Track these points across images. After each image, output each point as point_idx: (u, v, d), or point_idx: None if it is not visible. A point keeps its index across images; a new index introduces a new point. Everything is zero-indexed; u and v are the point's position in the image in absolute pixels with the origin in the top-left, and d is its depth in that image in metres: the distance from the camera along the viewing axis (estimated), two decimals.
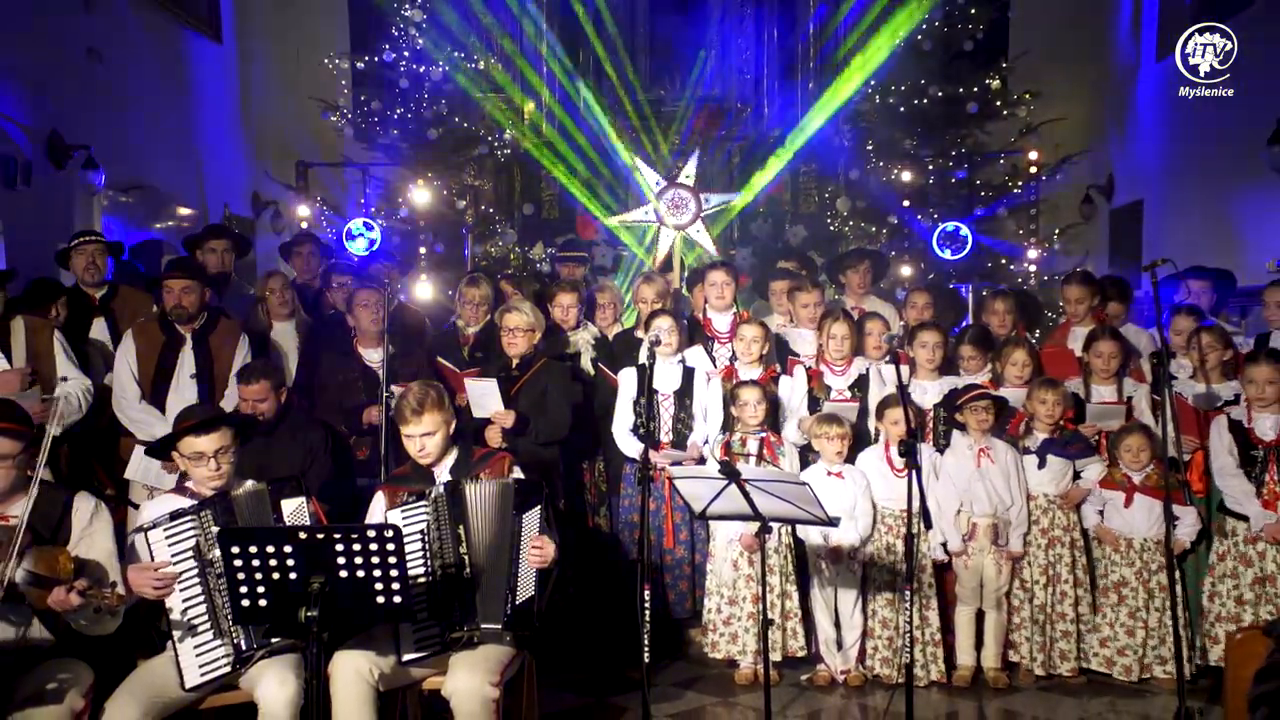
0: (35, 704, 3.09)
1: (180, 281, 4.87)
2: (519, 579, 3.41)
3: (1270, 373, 4.53)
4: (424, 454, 3.65)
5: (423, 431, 3.61)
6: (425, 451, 3.64)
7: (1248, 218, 6.77)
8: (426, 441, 3.63)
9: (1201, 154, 7.59)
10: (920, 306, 5.71)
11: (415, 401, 3.61)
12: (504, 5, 8.83)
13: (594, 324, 5.70)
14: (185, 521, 3.30)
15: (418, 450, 3.65)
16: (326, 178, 9.38)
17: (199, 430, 3.42)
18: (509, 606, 3.38)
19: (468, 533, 3.41)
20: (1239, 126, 6.72)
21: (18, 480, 3.32)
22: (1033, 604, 4.74)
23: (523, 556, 3.42)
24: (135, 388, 4.80)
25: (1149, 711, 4.41)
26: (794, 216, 8.95)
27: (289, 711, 3.17)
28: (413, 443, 3.65)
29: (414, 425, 3.61)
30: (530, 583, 3.44)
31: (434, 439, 3.63)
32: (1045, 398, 4.80)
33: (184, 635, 3.26)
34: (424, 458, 3.66)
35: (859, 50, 8.56)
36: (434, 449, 3.64)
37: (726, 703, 4.56)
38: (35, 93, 6.37)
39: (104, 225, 6.80)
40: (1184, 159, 7.92)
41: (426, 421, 3.60)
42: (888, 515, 4.74)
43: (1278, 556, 4.53)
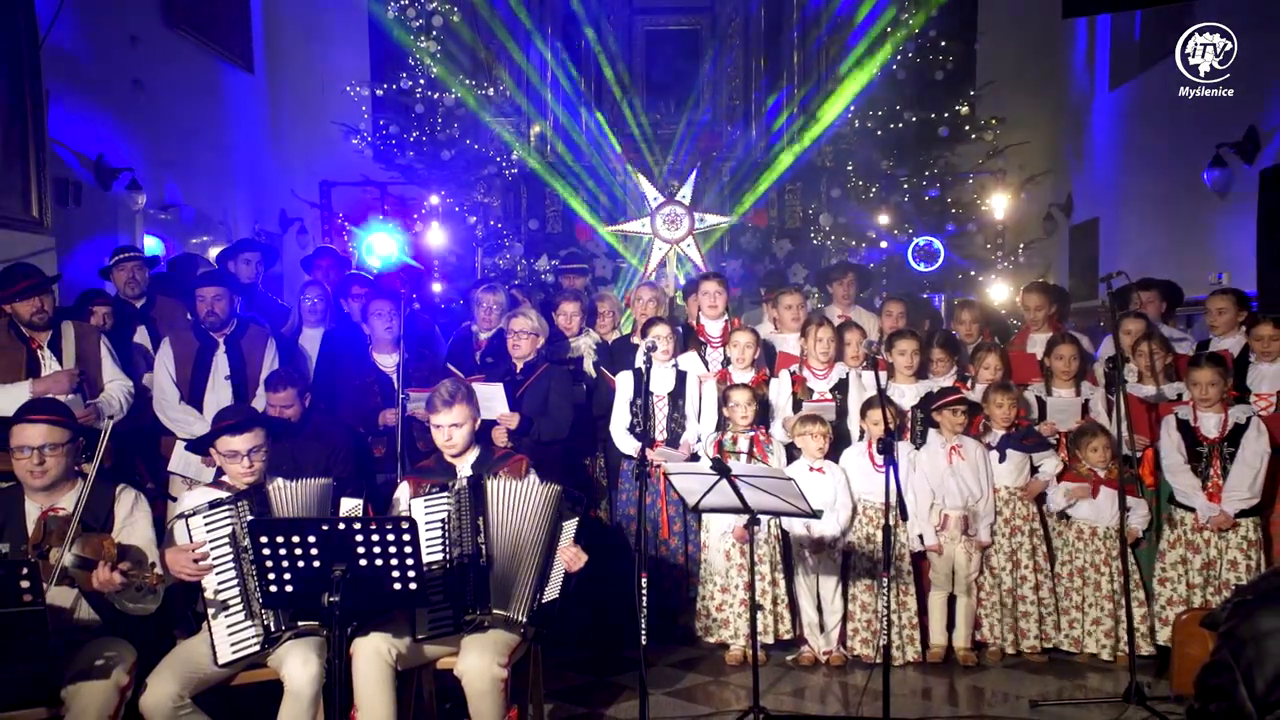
0: (85, 679, 3.11)
1: (212, 290, 4.89)
2: (550, 579, 3.42)
3: (1212, 375, 4.56)
4: (450, 444, 3.64)
5: (451, 422, 3.62)
6: (452, 442, 3.64)
7: (1193, 235, 6.82)
8: (454, 432, 3.63)
9: (1151, 176, 7.65)
10: (895, 315, 5.73)
11: (447, 394, 3.62)
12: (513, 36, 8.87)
13: (595, 330, 5.71)
14: (223, 510, 3.30)
15: (445, 440, 3.64)
16: (348, 195, 9.40)
17: (234, 430, 3.44)
18: (537, 602, 3.39)
19: (487, 525, 3.40)
20: (1184, 153, 6.78)
21: (67, 473, 3.35)
22: (1000, 589, 4.76)
23: (557, 559, 3.43)
24: (174, 390, 4.81)
25: (1104, 686, 4.43)
26: (780, 231, 8.97)
27: (313, 689, 3.18)
28: (441, 433, 3.64)
29: (444, 415, 3.61)
30: (558, 584, 3.45)
31: (461, 430, 3.64)
32: (1001, 400, 4.85)
33: (218, 616, 3.26)
34: (450, 448, 3.65)
35: (841, 78, 8.61)
36: (460, 440, 3.64)
37: (718, 681, 4.56)
38: (86, 121, 6.40)
39: (144, 240, 6.82)
40: (1136, 181, 7.97)
41: (455, 413, 3.61)
42: (868, 507, 4.75)
43: (1219, 543, 4.57)
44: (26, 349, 4.47)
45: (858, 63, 8.52)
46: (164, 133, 7.36)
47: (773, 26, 9.01)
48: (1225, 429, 4.58)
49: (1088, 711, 4.12)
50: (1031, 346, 5.49)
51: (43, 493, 3.33)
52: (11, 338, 4.47)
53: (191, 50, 7.86)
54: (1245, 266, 4.77)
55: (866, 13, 8.52)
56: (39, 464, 3.27)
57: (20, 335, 4.48)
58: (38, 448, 3.27)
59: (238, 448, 3.42)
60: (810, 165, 8.78)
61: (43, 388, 4.31)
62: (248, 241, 6.65)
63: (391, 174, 9.13)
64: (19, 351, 4.45)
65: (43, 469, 3.28)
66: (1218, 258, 6.29)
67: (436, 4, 8.67)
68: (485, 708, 3.31)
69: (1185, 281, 5.91)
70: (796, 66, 8.97)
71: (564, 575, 3.45)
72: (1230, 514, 4.52)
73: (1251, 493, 4.48)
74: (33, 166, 5.15)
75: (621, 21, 9.21)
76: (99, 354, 4.62)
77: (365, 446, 4.86)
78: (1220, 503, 4.55)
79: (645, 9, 9.32)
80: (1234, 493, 4.52)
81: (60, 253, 5.40)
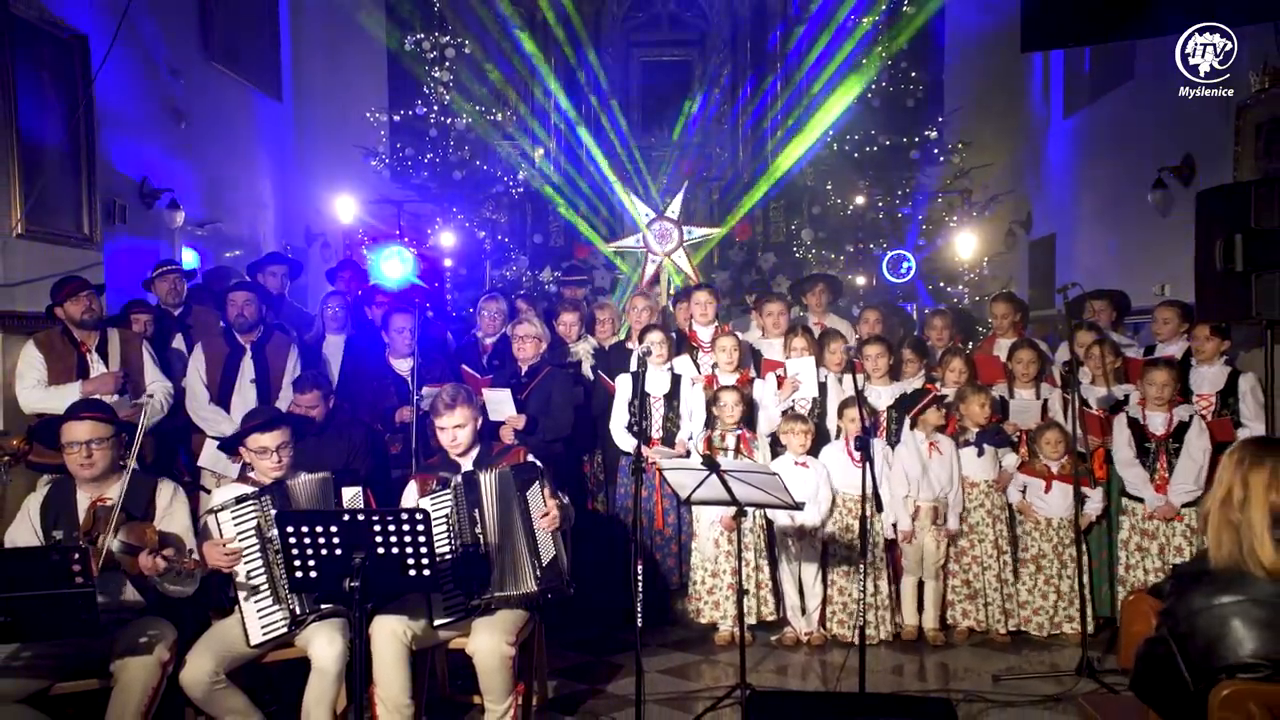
0: (131, 654, 3.14)
1: (242, 295, 4.98)
2: (539, 545, 3.43)
3: (1166, 377, 4.60)
4: (455, 444, 3.64)
5: (455, 423, 3.61)
6: (457, 441, 3.63)
7: (1139, 249, 6.88)
8: (458, 433, 3.62)
9: (1102, 197, 7.70)
10: (871, 322, 5.75)
11: (449, 398, 3.62)
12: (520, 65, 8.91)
13: (594, 337, 5.72)
14: (248, 505, 3.33)
15: (450, 441, 3.63)
16: (367, 213, 9.41)
17: (264, 428, 3.46)
18: (538, 569, 3.39)
19: (482, 516, 3.41)
20: (1130, 176, 6.85)
21: (113, 466, 3.38)
22: (966, 573, 4.78)
23: (537, 525, 3.43)
24: (205, 391, 4.86)
25: (1058, 661, 4.45)
26: (765, 245, 8.99)
27: (337, 666, 3.19)
28: (446, 434, 3.63)
29: (447, 418, 3.60)
30: (550, 544, 3.45)
31: (465, 430, 3.63)
32: (983, 400, 4.87)
33: (248, 601, 3.28)
34: (455, 447, 3.64)
35: (820, 105, 8.68)
36: (464, 439, 3.64)
37: (708, 660, 4.58)
38: (133, 147, 6.43)
39: (182, 254, 6.84)
40: (1088, 200, 8.02)
41: (458, 415, 3.60)
42: (846, 499, 4.76)
43: (1166, 530, 4.60)
44: (77, 353, 4.52)
45: (835, 89, 8.60)
46: (201, 156, 7.37)
47: (758, 56, 9.04)
48: (1171, 426, 4.61)
49: (1044, 684, 4.15)
50: (997, 350, 5.52)
51: (92, 484, 3.36)
52: (65, 343, 4.52)
53: (227, 81, 7.89)
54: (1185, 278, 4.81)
55: (849, 51, 8.60)
56: (87, 457, 3.31)
57: (72, 341, 4.53)
58: (85, 442, 3.31)
59: (266, 444, 3.44)
60: (792, 184, 8.82)
61: (91, 388, 4.36)
62: (274, 255, 6.67)
63: (407, 193, 9.15)
64: (70, 356, 4.50)
65: (90, 462, 3.31)
66: (1160, 270, 6.34)
67: (449, 37, 8.72)
68: (495, 684, 3.33)
69: (1133, 292, 5.96)
70: (780, 93, 9.01)
71: (556, 533, 3.45)
72: (1176, 505, 4.55)
73: (1196, 485, 4.51)
74: (84, 189, 5.24)
75: (620, 54, 9.26)
76: (141, 358, 4.66)
77: (383, 443, 4.87)
78: (1167, 494, 4.58)
79: (641, 42, 9.35)
80: (1180, 485, 4.55)
81: (107, 266, 5.43)
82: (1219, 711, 1.97)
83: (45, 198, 4.94)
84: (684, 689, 4.19)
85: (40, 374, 4.44)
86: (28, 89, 4.86)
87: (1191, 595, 2.05)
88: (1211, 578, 2.03)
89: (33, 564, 2.71)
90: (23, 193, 4.77)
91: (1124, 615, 2.86)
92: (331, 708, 3.21)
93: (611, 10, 9.21)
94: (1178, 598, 2.09)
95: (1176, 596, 2.10)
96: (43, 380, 4.44)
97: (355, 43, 9.56)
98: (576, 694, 4.13)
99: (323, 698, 3.19)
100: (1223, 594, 2.00)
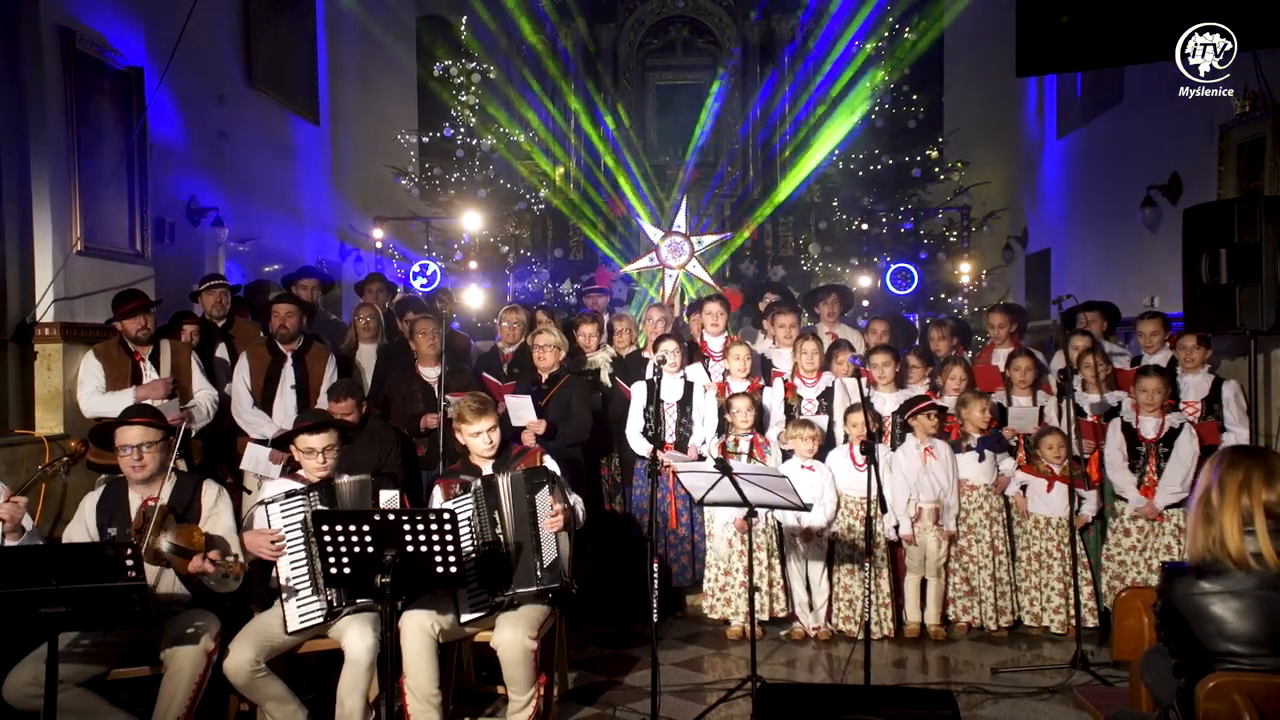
0: (179, 644, 3.19)
1: (285, 306, 5.02)
2: (543, 546, 3.42)
3: (1158, 383, 4.58)
4: (491, 447, 3.63)
5: (489, 428, 3.62)
6: (492, 444, 3.63)
7: (1129, 263, 6.87)
8: (493, 436, 3.63)
9: (1094, 213, 7.69)
10: (879, 333, 5.75)
11: (478, 404, 3.64)
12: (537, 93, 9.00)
13: (612, 346, 5.75)
14: (297, 500, 3.37)
15: (485, 445, 3.62)
16: (397, 229, 9.51)
17: (313, 430, 3.50)
18: (539, 570, 3.40)
19: (501, 517, 3.42)
20: (1120, 193, 6.83)
21: (162, 468, 3.43)
22: (966, 571, 4.76)
23: (543, 527, 3.42)
24: (248, 397, 4.91)
25: (1054, 654, 4.43)
26: (775, 258, 9.01)
27: (368, 657, 3.22)
28: (480, 438, 3.62)
29: (480, 423, 3.61)
30: (553, 546, 3.44)
31: (496, 433, 3.64)
32: (984, 406, 4.87)
33: (288, 591, 3.32)
34: (490, 450, 3.64)
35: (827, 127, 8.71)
36: (497, 440, 3.64)
37: (720, 654, 4.58)
38: (181, 169, 6.55)
39: (226, 269, 6.93)
40: (1081, 217, 8.00)
41: (488, 419, 3.63)
42: (850, 501, 4.75)
43: (1155, 530, 4.57)
44: (132, 362, 4.62)
45: (840, 110, 8.63)
46: (244, 176, 7.48)
47: (767, 81, 9.08)
48: (1162, 431, 4.59)
49: (1040, 676, 4.13)
50: (995, 359, 5.50)
51: (142, 484, 3.42)
52: (121, 352, 4.62)
53: (268, 106, 8.00)
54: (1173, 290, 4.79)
55: (854, 74, 8.62)
56: (138, 459, 3.36)
57: (127, 350, 4.63)
58: (136, 445, 3.36)
59: (314, 445, 3.48)
60: (800, 201, 8.84)
61: (143, 394, 4.45)
62: (308, 269, 6.75)
63: (435, 210, 9.25)
64: (126, 364, 4.61)
65: (141, 464, 3.36)
66: (1150, 283, 6.32)
67: (475, 64, 8.81)
68: (518, 675, 3.34)
69: (1123, 304, 5.95)
70: (787, 114, 9.04)
71: (562, 535, 3.44)
72: (1158, 506, 4.53)
73: (1182, 488, 4.48)
74: (137, 208, 5.37)
75: (636, 78, 9.32)
76: (190, 366, 4.74)
77: (412, 447, 4.91)
78: (1154, 496, 4.56)
79: (656, 66, 9.42)
80: (1167, 487, 4.53)
81: (157, 281, 5.53)
82: (1205, 702, 2.04)
83: (102, 217, 5.06)
84: (697, 680, 4.19)
85: (99, 381, 4.55)
86: (87, 117, 4.99)
87: (1176, 584, 2.20)
88: (1194, 570, 2.18)
89: (89, 559, 2.75)
90: (82, 213, 4.90)
91: (1116, 611, 2.87)
92: (364, 696, 3.23)
93: (628, 38, 9.28)
94: (1167, 591, 2.24)
95: (1166, 590, 2.25)
96: (100, 387, 4.55)
97: (387, 69, 9.69)
98: (595, 685, 4.13)
99: (355, 687, 3.22)
100: (1202, 581, 2.14)
